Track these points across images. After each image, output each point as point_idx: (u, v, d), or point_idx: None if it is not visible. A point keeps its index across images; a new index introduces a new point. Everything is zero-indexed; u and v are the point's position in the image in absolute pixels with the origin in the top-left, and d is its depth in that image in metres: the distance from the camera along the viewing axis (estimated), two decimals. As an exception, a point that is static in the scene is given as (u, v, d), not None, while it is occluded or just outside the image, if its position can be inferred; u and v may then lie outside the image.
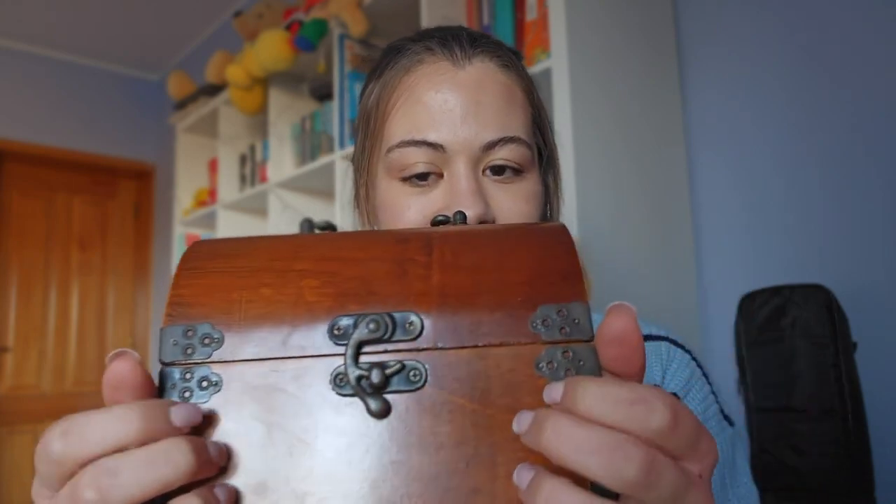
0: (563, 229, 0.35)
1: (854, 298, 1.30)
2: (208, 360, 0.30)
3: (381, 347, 0.30)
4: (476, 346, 0.30)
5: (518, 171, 0.52)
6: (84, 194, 3.69)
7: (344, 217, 1.88)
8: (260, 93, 2.38)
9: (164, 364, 0.30)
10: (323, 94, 2.27)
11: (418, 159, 0.51)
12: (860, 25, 1.36)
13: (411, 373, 0.29)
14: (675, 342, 0.58)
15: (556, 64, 1.35)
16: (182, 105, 2.92)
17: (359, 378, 0.29)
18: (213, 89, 2.71)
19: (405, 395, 0.29)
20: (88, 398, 3.56)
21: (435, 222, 0.42)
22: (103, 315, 3.69)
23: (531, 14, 1.49)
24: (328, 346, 0.30)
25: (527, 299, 0.30)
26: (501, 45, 0.57)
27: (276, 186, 2.27)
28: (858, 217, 1.34)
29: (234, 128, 2.69)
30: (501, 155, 0.51)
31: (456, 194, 0.50)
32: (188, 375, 0.29)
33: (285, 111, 2.38)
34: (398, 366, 0.29)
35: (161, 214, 3.74)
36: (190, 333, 0.30)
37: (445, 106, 0.51)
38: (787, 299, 1.31)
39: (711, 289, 1.56)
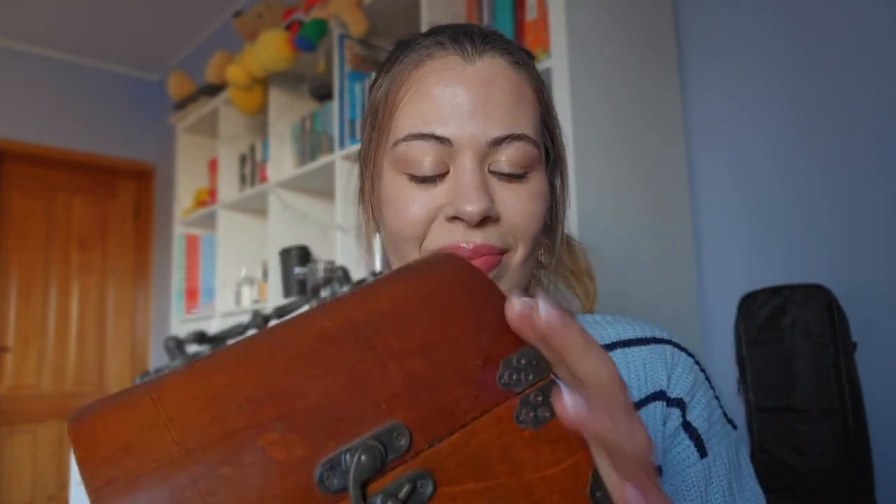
0: (470, 269, 0.33)
1: (854, 298, 1.30)
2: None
3: (386, 470, 0.27)
4: (463, 427, 0.29)
5: (523, 172, 0.52)
6: (84, 194, 3.69)
7: (345, 216, 1.88)
8: (260, 93, 2.38)
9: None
10: (323, 94, 2.27)
11: (425, 153, 0.50)
12: (860, 25, 1.36)
13: (418, 484, 0.28)
14: (678, 346, 0.57)
15: (556, 64, 1.35)
16: (182, 105, 2.92)
17: None
18: (213, 89, 2.71)
19: None
20: (88, 398, 3.56)
21: (275, 312, 0.38)
22: (103, 315, 3.69)
23: (531, 14, 1.49)
24: (328, 500, 0.26)
25: (486, 361, 0.30)
26: (513, 43, 0.56)
27: (276, 186, 2.27)
28: (858, 217, 1.34)
29: (234, 128, 2.69)
30: (508, 152, 0.51)
31: (460, 189, 0.49)
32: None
33: (285, 111, 2.38)
34: (409, 486, 0.27)
35: (161, 214, 3.74)
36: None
37: (454, 100, 0.50)
38: (787, 299, 1.31)
39: (711, 289, 1.56)
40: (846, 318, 1.27)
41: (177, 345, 0.31)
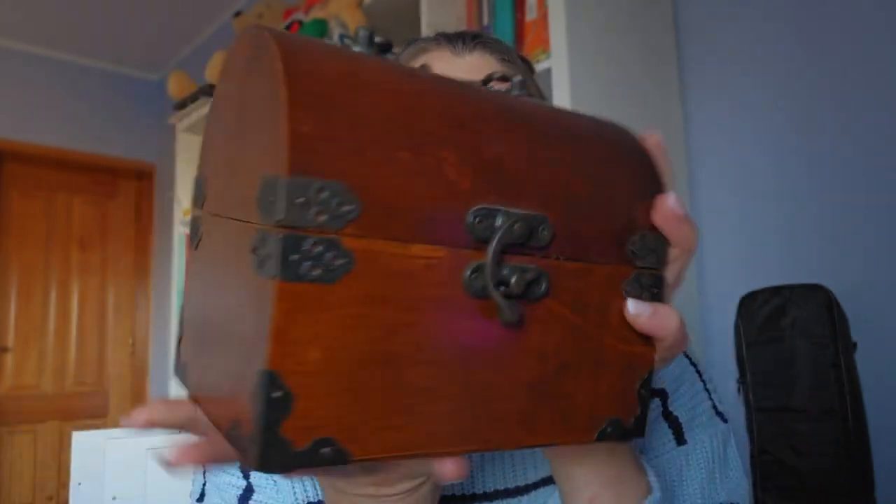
0: (640, 142, 0.36)
1: (854, 298, 1.30)
2: (341, 230, 0.24)
3: (517, 251, 0.28)
4: (588, 262, 0.31)
5: None
6: (84, 194, 3.69)
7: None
8: (260, 93, 2.38)
9: (288, 227, 0.23)
10: (323, 94, 2.27)
11: None
12: (859, 25, 1.36)
13: (538, 280, 0.29)
14: None
15: (556, 64, 1.35)
16: (182, 105, 2.92)
17: (498, 283, 0.27)
18: (213, 89, 2.70)
19: (526, 303, 0.29)
20: (88, 398, 3.56)
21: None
22: (103, 315, 3.69)
23: (531, 14, 1.49)
24: (467, 240, 0.27)
25: (628, 222, 0.32)
26: (502, 42, 0.60)
27: (276, 186, 2.27)
28: (858, 217, 1.34)
29: (234, 128, 2.69)
30: None
31: None
32: (318, 248, 0.23)
33: (285, 111, 2.38)
34: (534, 274, 0.28)
35: (161, 214, 3.74)
36: (322, 193, 0.23)
37: None
38: (786, 299, 1.31)
39: (711, 289, 1.56)
40: (846, 317, 1.27)
41: (368, 41, 0.32)
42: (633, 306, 0.32)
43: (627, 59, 1.48)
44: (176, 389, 2.68)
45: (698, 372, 0.58)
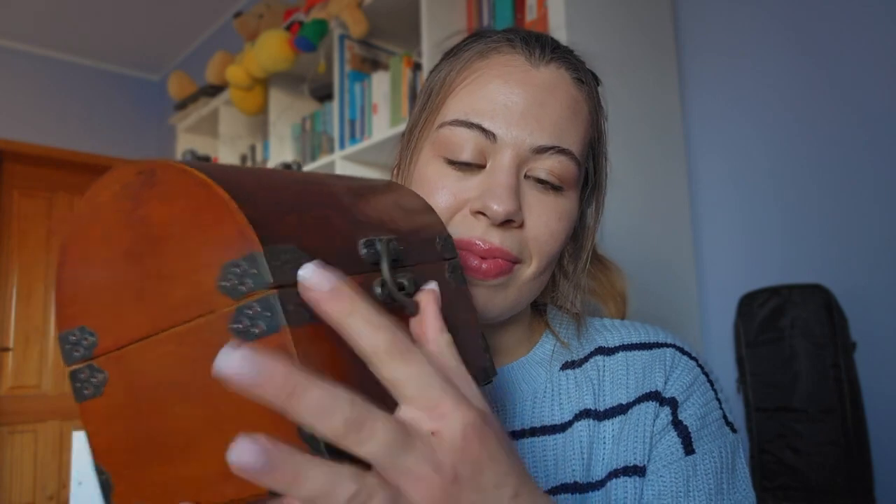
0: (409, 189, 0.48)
1: (854, 298, 1.30)
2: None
3: (393, 265, 0.38)
4: (424, 263, 0.41)
5: (558, 187, 0.51)
6: (84, 194, 3.69)
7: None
8: (260, 93, 2.39)
9: (279, 286, 0.28)
10: (323, 94, 2.27)
11: (466, 142, 0.50)
12: (859, 25, 1.36)
13: (425, 279, 0.39)
14: (681, 349, 0.57)
15: (556, 64, 1.35)
16: (182, 105, 2.92)
17: (399, 288, 0.35)
18: (214, 89, 2.71)
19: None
20: (89, 398, 3.56)
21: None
22: (103, 315, 3.69)
23: (531, 14, 1.49)
24: (365, 265, 0.35)
25: (429, 231, 0.44)
26: (583, 62, 0.56)
27: (276, 186, 2.27)
28: (857, 217, 1.34)
29: (234, 128, 2.69)
30: (549, 163, 0.50)
31: (492, 186, 0.49)
32: (300, 296, 0.30)
33: (286, 111, 2.38)
34: (417, 275, 0.38)
35: (161, 214, 3.74)
36: (286, 255, 0.29)
37: (509, 98, 0.50)
38: (786, 299, 1.31)
39: (711, 289, 1.56)
40: (845, 317, 1.27)
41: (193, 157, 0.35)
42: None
43: (627, 59, 1.48)
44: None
45: (710, 381, 0.57)
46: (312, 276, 0.28)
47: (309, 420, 0.25)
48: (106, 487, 0.34)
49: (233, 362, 0.24)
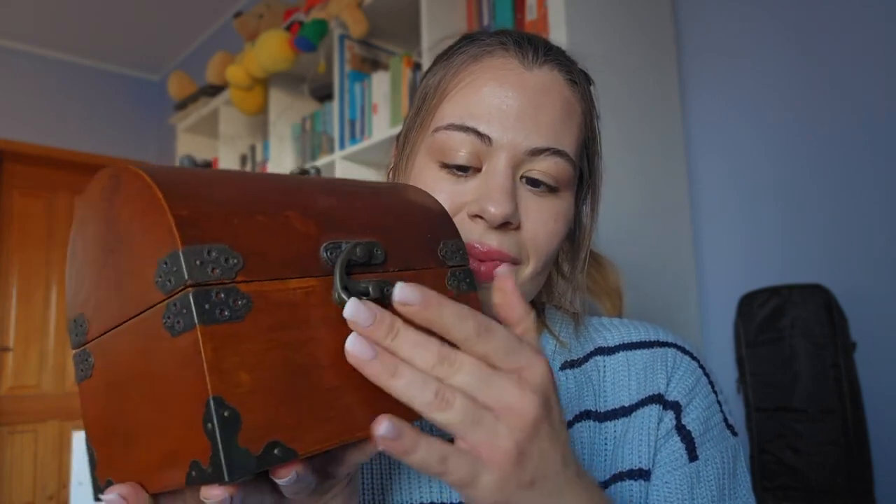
0: (422, 192, 0.47)
1: (854, 298, 1.31)
2: (234, 279, 0.31)
3: (365, 271, 0.37)
4: (416, 269, 0.40)
5: (554, 188, 0.51)
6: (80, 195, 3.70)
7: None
8: (260, 93, 2.39)
9: (195, 284, 0.30)
10: (323, 94, 2.27)
11: (462, 146, 0.50)
12: (859, 25, 1.36)
13: (385, 289, 0.36)
14: (683, 349, 0.57)
15: (556, 64, 1.35)
16: (182, 105, 2.92)
17: (359, 294, 0.36)
18: (214, 89, 2.71)
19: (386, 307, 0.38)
20: (89, 398, 3.56)
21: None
22: (103, 315, 3.69)
23: (531, 14, 1.49)
24: (327, 268, 0.35)
25: (432, 237, 0.42)
26: (575, 63, 0.56)
27: (276, 186, 2.27)
28: (857, 217, 1.34)
29: (234, 128, 2.69)
30: (544, 165, 0.50)
31: (489, 189, 0.49)
32: (222, 295, 0.30)
33: (286, 111, 2.38)
34: (382, 282, 0.36)
35: (161, 214, 3.74)
36: (212, 254, 0.31)
37: (504, 102, 0.50)
38: (786, 299, 1.31)
39: (711, 289, 1.56)
40: (845, 317, 1.27)
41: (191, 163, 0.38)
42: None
43: (627, 59, 1.48)
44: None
45: (711, 383, 0.57)
46: (401, 294, 0.33)
47: (408, 352, 0.33)
48: (92, 462, 0.37)
49: (350, 307, 0.33)
